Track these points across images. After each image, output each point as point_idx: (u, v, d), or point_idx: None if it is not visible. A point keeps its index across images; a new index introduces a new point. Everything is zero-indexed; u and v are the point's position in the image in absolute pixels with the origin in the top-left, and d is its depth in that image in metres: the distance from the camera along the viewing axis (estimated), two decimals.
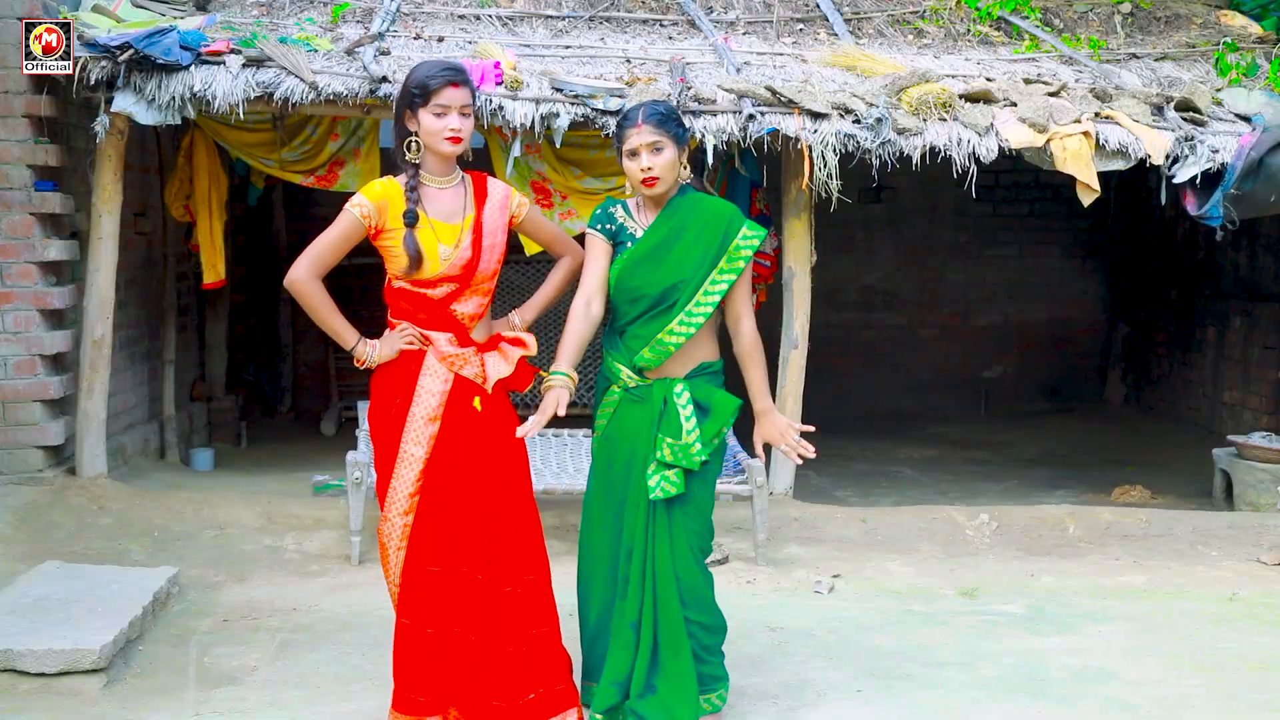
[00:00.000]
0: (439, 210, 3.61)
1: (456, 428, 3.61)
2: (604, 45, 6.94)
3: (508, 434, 3.68)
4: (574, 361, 3.75)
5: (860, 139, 6.11)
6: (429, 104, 3.53)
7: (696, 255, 3.72)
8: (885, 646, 4.66)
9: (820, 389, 7.99)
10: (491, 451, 3.65)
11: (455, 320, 3.64)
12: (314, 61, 6.07)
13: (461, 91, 3.55)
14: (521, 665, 3.64)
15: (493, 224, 3.66)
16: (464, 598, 3.60)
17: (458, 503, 3.61)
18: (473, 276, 3.62)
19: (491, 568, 3.63)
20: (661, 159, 3.69)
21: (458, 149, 3.59)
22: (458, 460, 3.61)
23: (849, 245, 10.42)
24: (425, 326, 3.63)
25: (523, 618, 3.66)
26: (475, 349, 3.67)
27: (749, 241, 3.75)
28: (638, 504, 3.73)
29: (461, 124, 3.56)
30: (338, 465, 6.49)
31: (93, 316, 6.10)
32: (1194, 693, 4.24)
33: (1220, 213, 6.37)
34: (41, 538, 5.50)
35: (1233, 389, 8.76)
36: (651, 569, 3.70)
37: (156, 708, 3.95)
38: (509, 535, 3.66)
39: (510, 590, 3.65)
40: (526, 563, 3.69)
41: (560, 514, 6.13)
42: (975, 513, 6.40)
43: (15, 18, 5.77)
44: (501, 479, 3.66)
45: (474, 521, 3.61)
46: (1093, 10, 7.98)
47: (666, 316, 3.72)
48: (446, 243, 3.58)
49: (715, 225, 3.75)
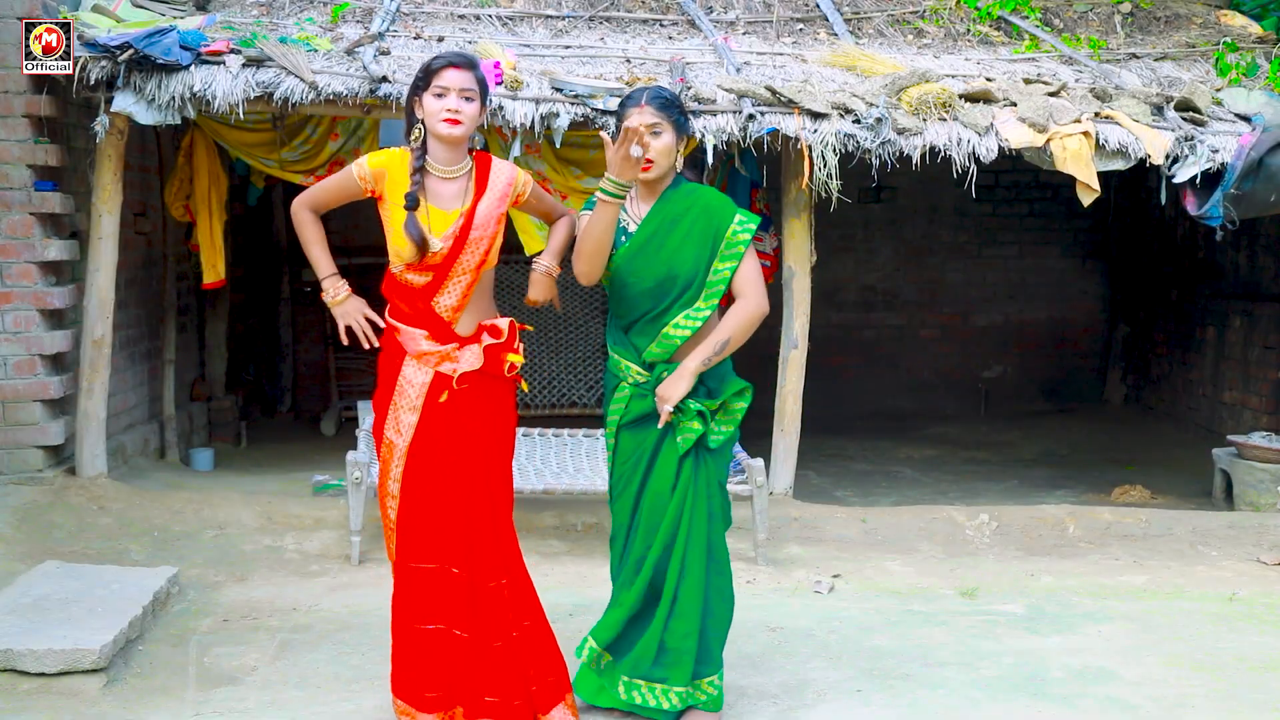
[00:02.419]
0: (437, 198, 3.62)
1: (436, 420, 3.63)
2: (604, 45, 6.94)
3: (493, 429, 3.69)
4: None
5: (860, 139, 6.11)
6: (430, 86, 3.56)
7: (692, 248, 3.72)
8: (885, 646, 4.66)
9: (820, 389, 8.00)
10: (473, 446, 3.65)
11: (434, 314, 3.64)
12: (314, 61, 6.07)
13: (463, 74, 3.56)
14: (511, 660, 3.66)
15: (485, 215, 3.63)
16: (449, 594, 3.62)
17: (439, 495, 3.64)
18: (451, 267, 3.60)
19: (472, 563, 3.64)
20: (659, 142, 3.69)
21: (455, 130, 3.56)
22: (438, 452, 3.63)
23: (849, 245, 10.42)
24: (407, 320, 3.66)
25: (509, 612, 3.67)
26: (457, 344, 3.65)
27: (745, 228, 3.74)
28: (659, 493, 3.75)
29: (460, 105, 3.55)
30: (338, 465, 6.50)
31: (93, 316, 6.10)
32: (1194, 693, 4.24)
33: (1220, 213, 6.37)
34: (41, 538, 5.50)
35: (1233, 389, 8.76)
36: (684, 546, 3.73)
37: (156, 708, 3.95)
38: (488, 530, 3.67)
39: (494, 585, 3.66)
40: (506, 558, 3.71)
41: (560, 514, 6.14)
42: (975, 513, 6.40)
43: (15, 18, 5.77)
44: (482, 473, 3.67)
45: (454, 515, 3.64)
46: (1093, 10, 7.98)
47: (671, 310, 3.72)
48: (436, 232, 3.58)
49: (707, 216, 3.74)
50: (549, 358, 9.23)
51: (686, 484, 3.74)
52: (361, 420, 6.39)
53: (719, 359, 3.72)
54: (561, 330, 9.31)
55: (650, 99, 3.70)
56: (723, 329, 3.72)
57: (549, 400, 9.16)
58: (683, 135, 3.75)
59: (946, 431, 9.68)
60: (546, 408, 9.11)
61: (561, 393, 9.22)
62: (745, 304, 3.74)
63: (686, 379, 3.68)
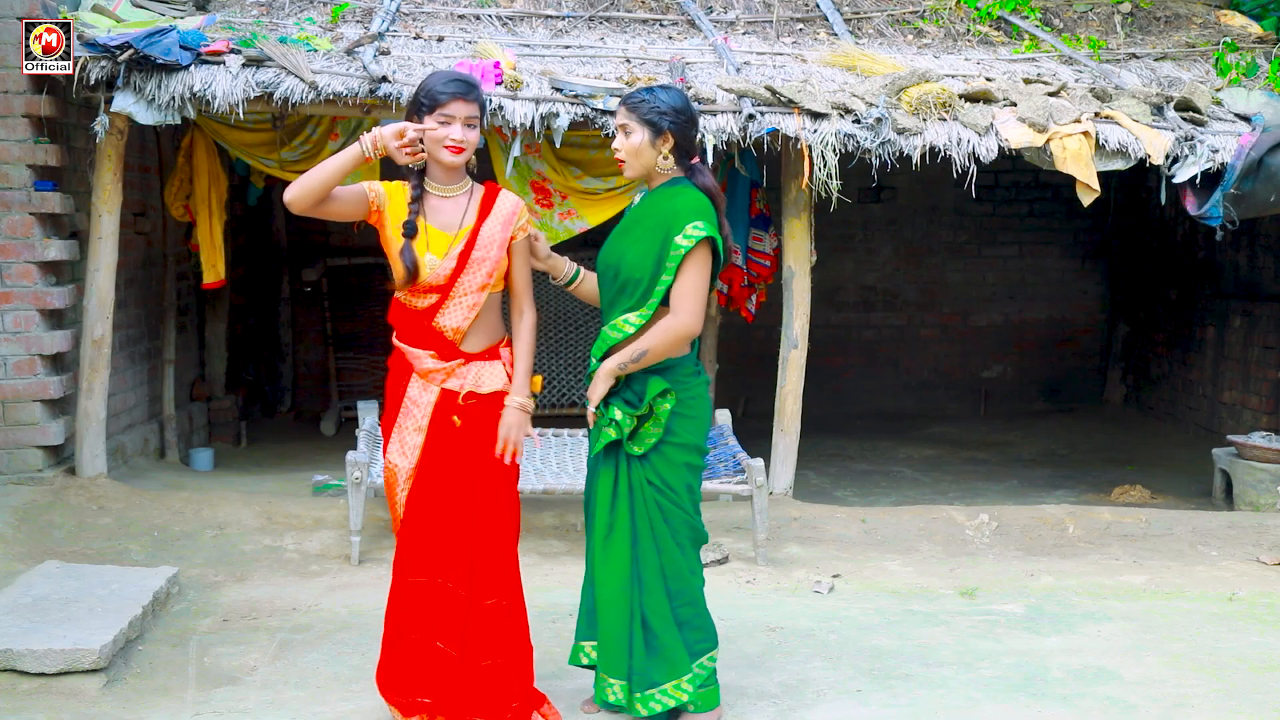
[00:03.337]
0: (438, 220, 3.63)
1: (442, 440, 3.64)
2: (604, 45, 6.94)
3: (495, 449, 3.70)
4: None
5: (860, 139, 6.11)
6: (435, 113, 3.56)
7: (641, 249, 3.70)
8: (885, 646, 4.66)
9: (820, 389, 8.01)
10: (478, 466, 3.66)
11: (438, 335, 3.64)
12: (314, 61, 6.08)
13: (469, 105, 3.58)
14: (500, 678, 3.67)
15: (489, 237, 3.64)
16: (442, 609, 3.64)
17: (442, 515, 3.64)
18: (453, 287, 3.61)
19: (473, 583, 3.65)
20: (627, 142, 3.72)
21: (458, 159, 3.60)
22: (443, 472, 3.64)
23: (849, 245, 10.43)
24: (411, 342, 3.66)
25: (500, 631, 3.68)
26: (463, 360, 3.65)
27: (688, 237, 3.63)
28: (590, 497, 3.86)
29: (465, 135, 3.57)
30: (338, 465, 6.50)
31: (92, 316, 6.10)
32: (1194, 693, 4.24)
33: (1220, 212, 6.37)
34: (41, 538, 5.50)
35: (1232, 389, 8.76)
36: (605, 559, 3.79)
37: (156, 708, 3.95)
38: (489, 549, 3.68)
39: (491, 604, 3.67)
40: (504, 578, 3.72)
41: (560, 514, 6.14)
42: (975, 513, 6.40)
43: (15, 18, 5.78)
44: (486, 494, 3.67)
45: (455, 534, 3.64)
46: (1093, 10, 7.98)
47: (615, 309, 3.75)
48: (436, 253, 3.59)
49: (662, 220, 3.68)
50: (549, 358, 9.23)
51: (608, 490, 3.77)
52: (361, 420, 6.39)
53: (636, 368, 3.69)
54: (562, 330, 9.31)
55: (624, 100, 3.75)
56: (645, 339, 3.68)
57: (549, 400, 9.16)
58: (663, 134, 3.70)
59: (946, 431, 9.68)
60: (546, 408, 9.11)
61: (561, 393, 9.22)
62: (674, 319, 3.68)
63: (602, 380, 3.71)
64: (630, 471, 3.76)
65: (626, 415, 3.70)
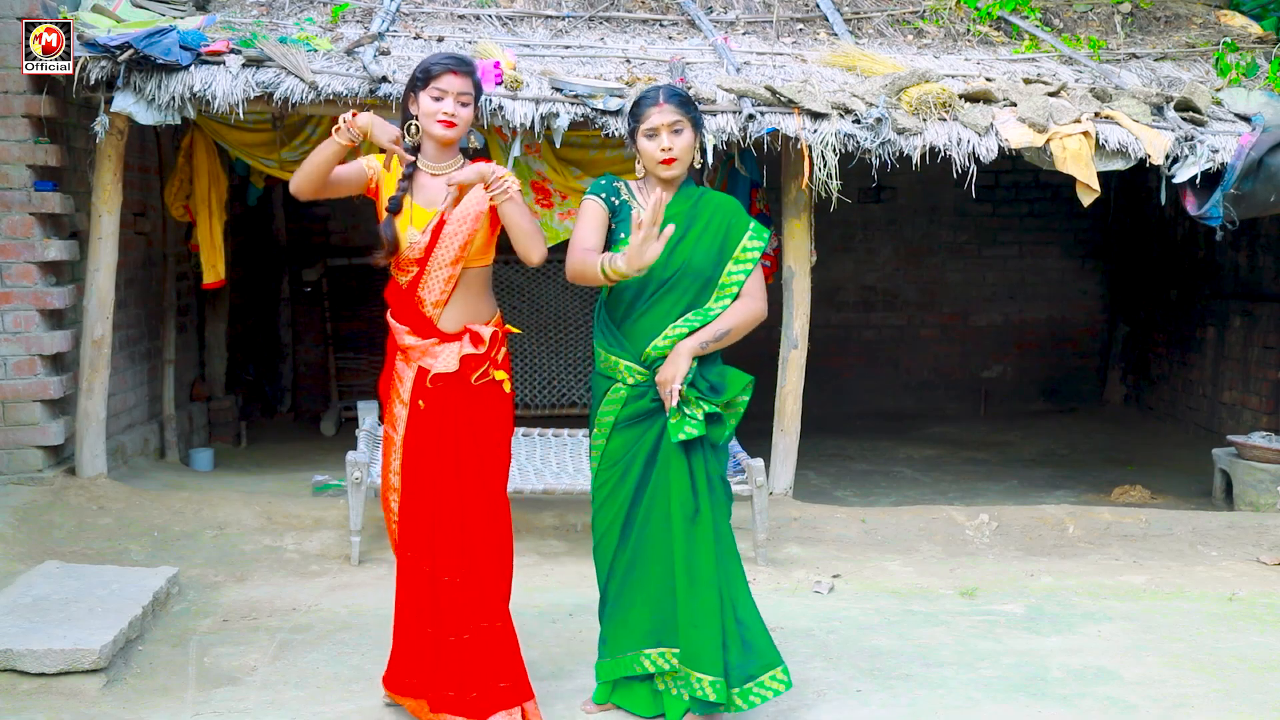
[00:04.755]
0: (425, 196, 3.70)
1: (422, 417, 3.71)
2: (604, 45, 6.94)
3: (480, 433, 3.72)
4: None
5: (860, 139, 6.11)
6: (428, 87, 3.63)
7: (708, 244, 3.73)
8: (885, 646, 4.66)
9: (820, 389, 8.01)
10: (460, 447, 3.70)
11: (418, 310, 3.70)
12: (314, 61, 6.08)
13: (461, 80, 3.64)
14: (477, 656, 3.68)
15: (461, 211, 3.66)
16: (434, 592, 3.68)
17: (431, 490, 3.69)
18: (428, 260, 3.67)
19: (451, 560, 3.68)
20: (681, 140, 3.70)
21: (449, 133, 3.64)
22: (429, 448, 3.69)
23: (849, 245, 10.43)
24: (397, 317, 3.76)
25: (477, 609, 3.68)
26: (437, 339, 3.69)
27: (756, 238, 3.76)
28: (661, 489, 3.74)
29: (456, 110, 3.63)
30: (337, 465, 6.50)
31: (92, 316, 6.10)
32: (1194, 693, 4.24)
33: (1220, 213, 6.37)
34: (41, 538, 5.50)
35: (1233, 389, 8.76)
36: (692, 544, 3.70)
37: (156, 708, 3.95)
38: (478, 529, 3.70)
39: (468, 579, 3.69)
40: (496, 556, 3.74)
41: (560, 514, 6.14)
42: (975, 513, 6.40)
43: (15, 18, 5.77)
44: (472, 475, 3.70)
45: (445, 512, 3.68)
46: (1093, 10, 7.98)
47: (679, 305, 3.70)
48: (417, 227, 3.67)
49: (724, 216, 3.76)
50: (549, 358, 9.23)
51: (684, 481, 3.71)
52: (361, 420, 6.39)
53: (716, 347, 3.71)
54: (561, 330, 9.31)
55: (668, 97, 3.70)
56: (726, 319, 3.71)
57: (549, 400, 9.16)
58: (699, 133, 3.77)
59: (946, 431, 9.68)
60: (546, 408, 9.11)
61: (561, 393, 9.23)
62: (751, 302, 3.75)
63: (684, 357, 3.64)
64: (706, 462, 3.74)
65: (705, 406, 3.67)
